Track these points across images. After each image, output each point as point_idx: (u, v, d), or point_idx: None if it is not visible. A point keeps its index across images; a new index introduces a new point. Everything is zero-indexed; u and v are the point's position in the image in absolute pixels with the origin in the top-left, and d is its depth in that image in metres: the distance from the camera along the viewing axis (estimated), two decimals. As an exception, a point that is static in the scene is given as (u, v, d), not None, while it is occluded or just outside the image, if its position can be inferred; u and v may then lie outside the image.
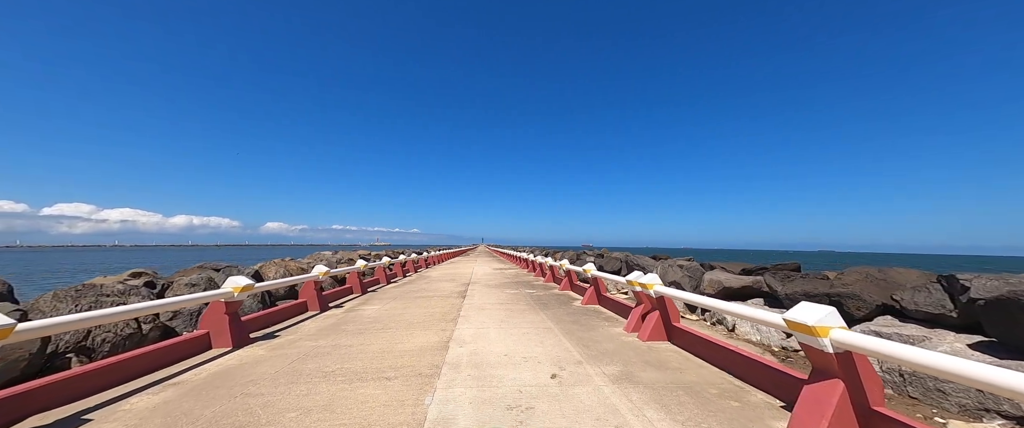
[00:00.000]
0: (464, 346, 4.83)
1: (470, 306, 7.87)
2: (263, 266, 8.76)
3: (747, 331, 5.22)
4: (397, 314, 7.06)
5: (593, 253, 17.19)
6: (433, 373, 3.86)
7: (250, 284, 5.09)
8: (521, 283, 12.56)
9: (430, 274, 16.13)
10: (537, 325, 6.09)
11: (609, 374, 3.85)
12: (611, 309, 7.32)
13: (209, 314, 4.87)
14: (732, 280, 6.54)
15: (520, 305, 8.10)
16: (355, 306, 8.00)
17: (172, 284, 6.24)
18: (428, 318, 6.64)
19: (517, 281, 13.17)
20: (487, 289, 10.81)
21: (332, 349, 4.73)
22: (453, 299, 8.88)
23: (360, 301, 8.67)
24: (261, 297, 7.22)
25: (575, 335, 5.44)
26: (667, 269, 8.11)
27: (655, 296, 5.13)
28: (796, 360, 4.54)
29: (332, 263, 12.82)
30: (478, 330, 5.72)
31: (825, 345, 2.51)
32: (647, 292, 5.23)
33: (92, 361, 4.36)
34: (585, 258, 16.69)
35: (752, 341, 5.13)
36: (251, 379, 3.72)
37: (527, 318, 6.66)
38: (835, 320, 2.56)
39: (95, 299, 4.76)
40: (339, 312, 7.32)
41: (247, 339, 5.04)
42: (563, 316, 6.90)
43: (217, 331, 4.81)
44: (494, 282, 12.74)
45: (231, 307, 4.92)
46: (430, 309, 7.55)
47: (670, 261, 8.84)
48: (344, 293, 9.49)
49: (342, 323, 6.31)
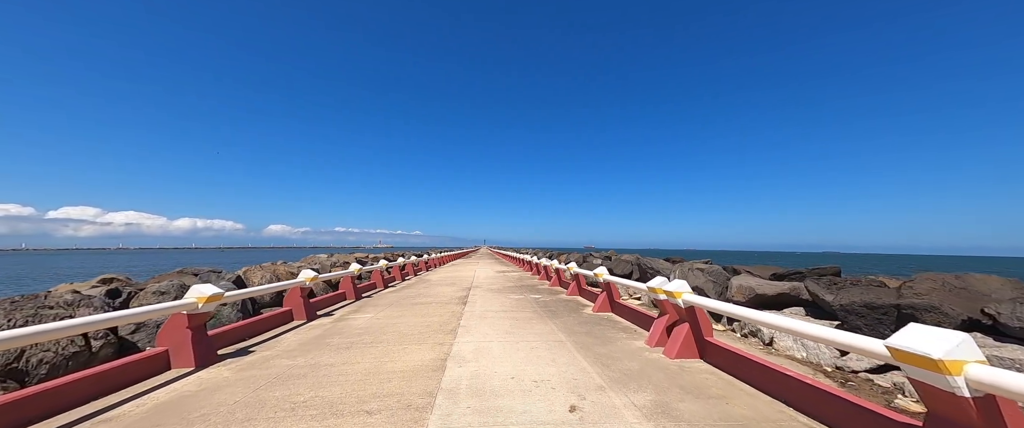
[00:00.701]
0: (464, 366, 4.15)
1: (471, 314, 7.19)
2: (248, 271, 8.12)
3: (789, 346, 4.53)
4: (391, 324, 6.39)
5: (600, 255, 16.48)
6: (426, 404, 3.17)
7: (218, 294, 4.42)
8: (525, 287, 11.87)
9: (430, 278, 15.46)
10: (547, 337, 5.41)
11: (640, 405, 3.15)
12: (627, 318, 6.62)
13: (169, 329, 4.21)
14: (765, 287, 5.82)
15: (526, 312, 7.42)
16: (346, 314, 7.33)
17: (139, 292, 5.59)
18: (425, 329, 5.96)
19: (521, 285, 12.49)
20: (490, 294, 10.12)
21: (309, 370, 4.05)
22: (453, 306, 8.20)
23: (353, 309, 8.01)
24: (242, 305, 6.56)
25: (591, 350, 4.75)
26: (687, 273, 7.41)
27: (683, 306, 4.44)
28: (857, 383, 3.85)
29: (326, 267, 12.16)
30: (480, 344, 5.04)
31: (958, 386, 1.82)
32: (674, 301, 4.54)
33: (25, 386, 3.71)
34: (592, 260, 15.99)
35: (796, 358, 4.43)
36: (202, 413, 3.05)
37: (535, 329, 5.98)
38: (971, 352, 1.87)
39: (34, 312, 4.11)
40: (327, 322, 6.66)
41: (213, 357, 4.38)
42: (574, 326, 6.21)
43: (177, 348, 4.15)
44: (497, 286, 12.05)
45: (195, 320, 4.25)
46: (428, 318, 6.88)
47: (687, 264, 8.16)
48: (336, 299, 8.83)
49: (328, 335, 5.64)
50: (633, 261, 11.21)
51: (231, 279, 6.93)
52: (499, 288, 11.52)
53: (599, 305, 7.50)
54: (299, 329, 6.07)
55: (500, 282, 13.33)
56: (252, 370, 4.06)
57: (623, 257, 12.72)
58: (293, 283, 6.76)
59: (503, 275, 16.19)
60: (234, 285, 6.88)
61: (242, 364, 4.26)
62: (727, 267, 7.48)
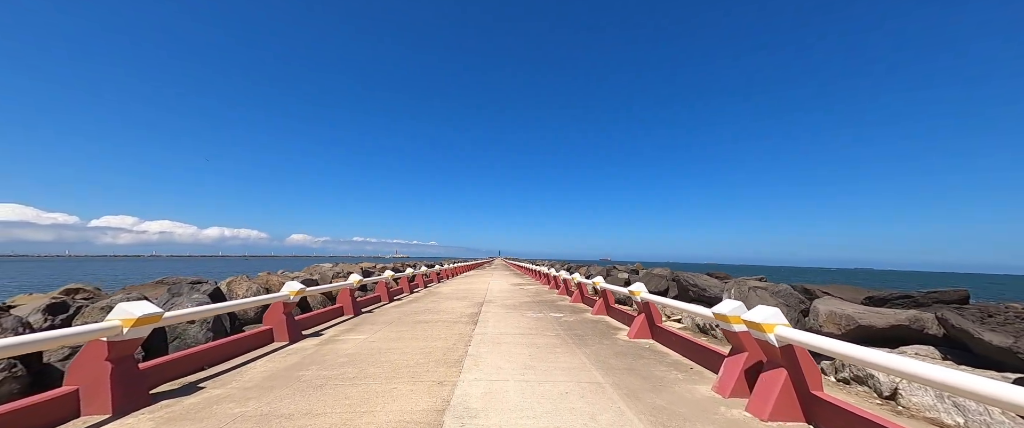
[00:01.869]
0: (469, 423, 2.98)
1: (483, 338, 6.01)
2: (232, 282, 7.20)
3: (928, 404, 3.17)
4: (385, 349, 5.28)
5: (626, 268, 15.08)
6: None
7: (151, 315, 3.41)
8: (544, 303, 10.62)
9: (441, 290, 14.37)
10: (578, 375, 4.18)
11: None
12: (677, 349, 5.31)
13: (82, 361, 3.20)
14: (869, 315, 4.40)
15: (548, 336, 6.19)
16: (338, 334, 6.27)
17: (82, 310, 4.67)
18: (424, 358, 4.82)
19: (539, 300, 11.24)
20: (505, 311, 8.92)
21: (258, 424, 2.96)
22: (462, 325, 7.05)
23: (347, 327, 6.95)
24: (215, 324, 5.59)
25: (643, 400, 3.50)
26: (747, 294, 6.06)
27: (776, 344, 3.16)
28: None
29: (326, 277, 11.23)
30: (492, 385, 3.86)
31: None
32: (762, 337, 3.26)
33: None
34: (617, 274, 14.61)
35: (946, 425, 3.06)
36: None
37: (561, 361, 4.75)
38: None
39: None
40: (312, 344, 5.60)
41: (142, 398, 3.34)
42: (610, 358, 4.96)
43: (92, 387, 3.13)
44: (512, 301, 10.84)
45: (118, 350, 3.24)
46: (430, 342, 5.74)
47: (738, 281, 6.79)
48: (332, 315, 7.81)
49: (305, 364, 4.56)
50: (668, 276, 9.82)
51: (206, 292, 6.01)
52: (515, 304, 10.30)
53: (636, 330, 6.22)
54: (275, 355, 5.03)
55: (516, 297, 12.12)
56: (181, 424, 2.99)
57: (655, 271, 11.30)
58: (274, 297, 5.75)
59: (519, 288, 14.96)
60: (209, 299, 5.94)
61: (174, 412, 3.20)
62: (796, 287, 6.12)
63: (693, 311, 4.52)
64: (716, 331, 6.61)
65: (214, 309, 4.76)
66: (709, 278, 7.62)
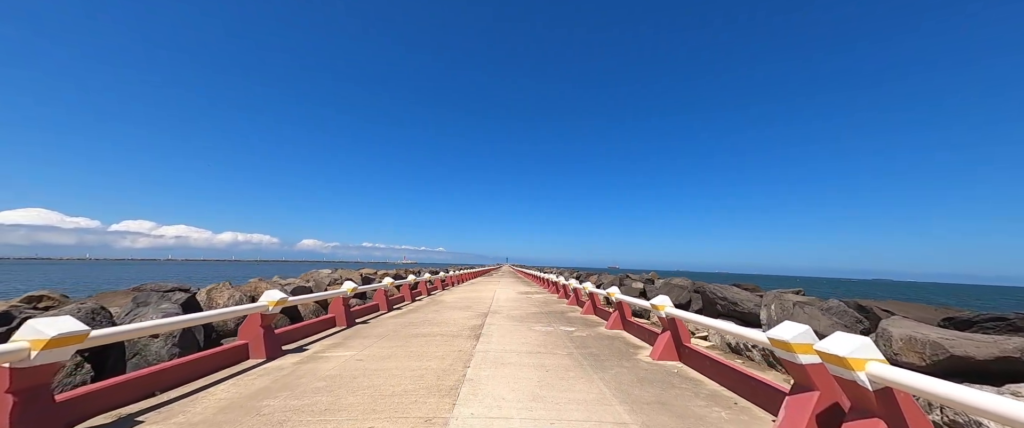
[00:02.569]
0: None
1: (485, 357, 5.28)
2: (212, 290, 6.58)
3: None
4: (371, 370, 4.58)
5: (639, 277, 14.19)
6: None
7: (73, 334, 2.77)
8: (553, 314, 9.84)
9: (444, 298, 13.67)
10: (597, 412, 3.41)
11: None
12: (712, 375, 4.50)
13: (-24, 393, 2.56)
14: (965, 344, 3.50)
15: (559, 355, 5.42)
16: (323, 350, 5.59)
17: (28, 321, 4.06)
18: (412, 384, 4.10)
19: (548, 311, 10.46)
20: (511, 324, 8.17)
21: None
22: (462, 341, 6.32)
23: (336, 340, 6.27)
24: (181, 338, 4.96)
25: (683, 453, 2.73)
26: (792, 310, 5.21)
27: (869, 386, 2.36)
28: None
29: (322, 285, 10.61)
30: (490, 423, 3.12)
31: None
32: (848, 376, 2.46)
33: None
34: (631, 283, 13.74)
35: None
36: None
37: (576, 390, 3.99)
38: None
39: None
40: (291, 362, 4.92)
41: (52, 440, 2.68)
42: (632, 385, 4.18)
43: (-15, 428, 2.48)
44: (519, 312, 10.08)
45: (21, 379, 2.60)
46: (424, 361, 5.02)
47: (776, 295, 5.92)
48: (323, 326, 7.15)
49: (272, 390, 3.88)
50: (688, 286, 8.95)
51: (180, 301, 5.40)
52: (522, 315, 9.54)
53: (661, 350, 5.41)
54: (244, 376, 4.35)
55: (523, 307, 11.35)
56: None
57: (673, 281, 10.40)
58: (250, 308, 5.10)
59: (526, 298, 14.18)
60: (181, 309, 5.33)
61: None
62: (849, 302, 5.28)
63: (739, 333, 3.72)
64: (752, 352, 5.77)
65: (175, 323, 4.12)
66: (739, 290, 6.80)
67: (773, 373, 5.22)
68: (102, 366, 4.38)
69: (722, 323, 4.02)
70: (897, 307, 5.20)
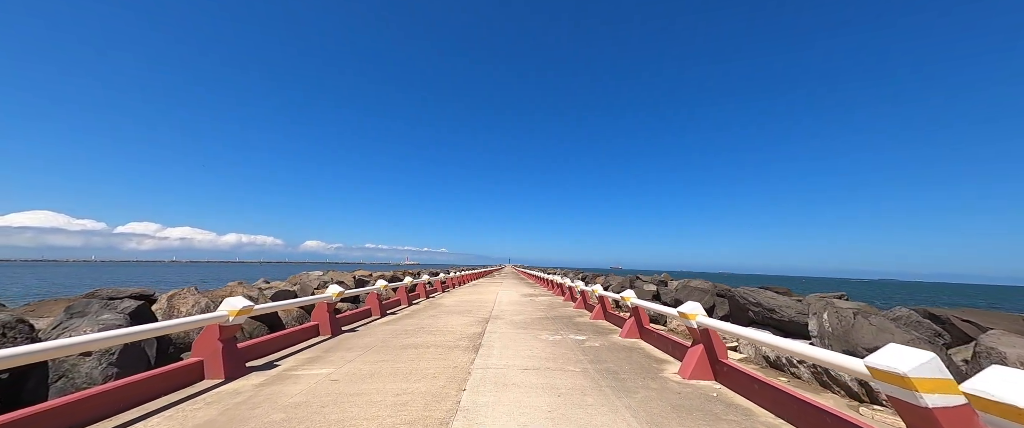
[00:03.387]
0: None
1: (484, 376, 4.45)
2: (175, 296, 5.78)
3: None
4: (346, 395, 3.77)
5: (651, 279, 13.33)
6: None
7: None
8: (560, 319, 9.01)
9: (443, 301, 12.87)
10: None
11: None
12: (761, 401, 3.65)
13: None
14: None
15: (571, 373, 4.59)
16: (295, 367, 4.79)
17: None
18: (393, 418, 3.28)
19: (554, 316, 9.63)
20: (514, 332, 7.35)
21: None
22: (459, 353, 5.51)
23: (313, 353, 5.47)
24: (120, 356, 4.16)
25: None
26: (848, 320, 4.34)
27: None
28: None
29: (308, 289, 9.81)
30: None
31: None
32: None
33: None
34: (642, 285, 12.89)
35: None
36: None
37: (596, 424, 3.17)
38: None
39: None
40: (252, 383, 4.12)
41: None
42: (668, 418, 3.35)
43: None
44: (523, 317, 9.25)
45: None
46: (411, 382, 4.21)
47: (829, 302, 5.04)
48: (302, 335, 6.36)
49: (215, 425, 3.08)
50: (710, 290, 8.09)
51: (127, 311, 4.62)
52: (526, 321, 8.72)
53: (693, 367, 4.56)
54: (187, 404, 3.55)
55: (527, 310, 10.52)
56: None
57: (692, 283, 9.52)
58: (206, 319, 4.29)
59: (530, 301, 13.35)
60: (128, 320, 4.54)
61: None
62: (919, 309, 4.43)
63: (817, 357, 2.85)
64: (800, 368, 4.91)
65: (109, 338, 3.33)
66: (775, 295, 5.92)
67: (830, 396, 4.38)
68: (18, 392, 3.60)
69: (780, 340, 3.19)
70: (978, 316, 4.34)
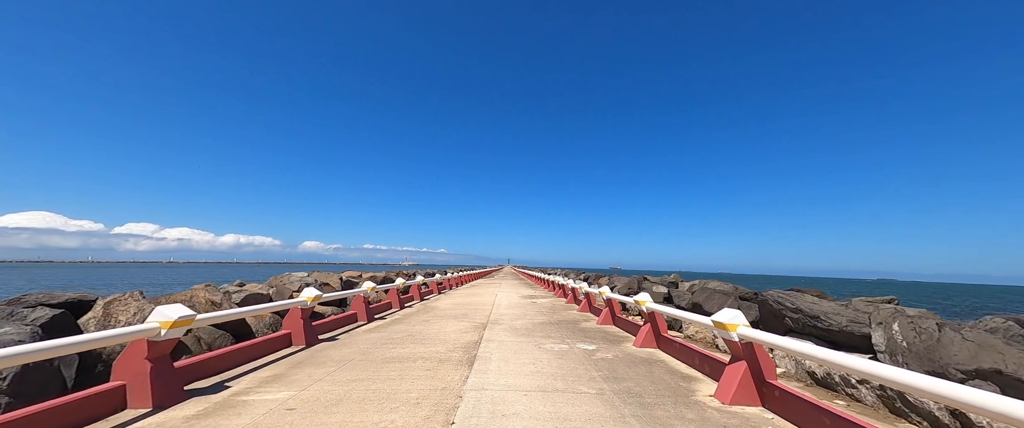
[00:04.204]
0: None
1: (478, 403, 3.60)
2: (113, 302, 4.86)
3: None
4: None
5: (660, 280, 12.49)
6: None
7: None
8: (564, 324, 8.17)
9: (438, 304, 12.01)
10: None
11: None
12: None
13: None
14: None
15: (586, 396, 3.73)
16: (250, 388, 3.93)
17: None
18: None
19: (558, 320, 8.78)
20: (515, 339, 6.50)
21: None
22: (450, 369, 4.66)
23: (279, 369, 4.61)
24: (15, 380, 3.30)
25: None
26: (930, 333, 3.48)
27: None
28: None
29: (286, 292, 8.94)
30: None
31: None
32: None
33: None
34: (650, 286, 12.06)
35: None
36: None
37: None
38: None
39: None
40: (187, 413, 3.26)
41: None
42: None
43: None
44: (524, 322, 8.40)
45: None
46: (386, 413, 3.35)
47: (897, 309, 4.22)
48: (272, 346, 5.51)
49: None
50: (731, 292, 7.24)
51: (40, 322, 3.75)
52: (528, 326, 7.86)
53: (735, 389, 3.71)
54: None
55: (529, 314, 9.68)
56: None
57: (710, 285, 8.64)
58: (128, 333, 3.42)
59: (531, 303, 12.50)
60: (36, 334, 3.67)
61: None
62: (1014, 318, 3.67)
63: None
64: (859, 389, 4.07)
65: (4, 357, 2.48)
66: (816, 299, 5.09)
67: (906, 426, 3.54)
68: None
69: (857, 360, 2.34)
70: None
